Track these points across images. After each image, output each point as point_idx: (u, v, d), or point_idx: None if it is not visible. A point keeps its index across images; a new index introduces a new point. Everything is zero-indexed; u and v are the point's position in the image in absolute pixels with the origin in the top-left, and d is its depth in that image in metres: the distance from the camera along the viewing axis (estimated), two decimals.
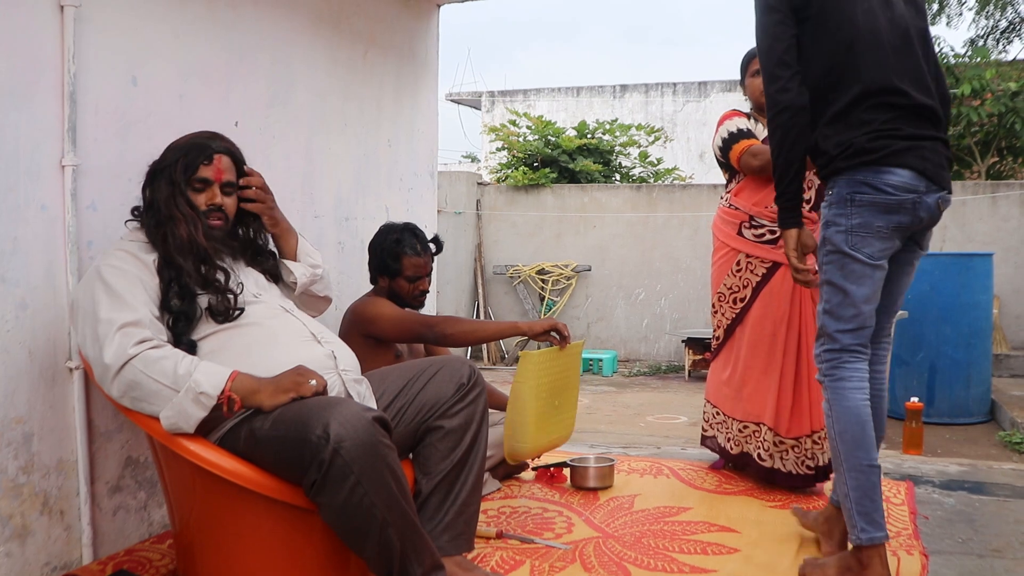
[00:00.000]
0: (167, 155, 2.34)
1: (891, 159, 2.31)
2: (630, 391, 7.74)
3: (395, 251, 3.25)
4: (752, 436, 3.44)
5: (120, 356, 2.05)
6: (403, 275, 3.25)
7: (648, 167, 11.80)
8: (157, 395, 2.06)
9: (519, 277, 9.67)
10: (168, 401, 2.05)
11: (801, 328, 3.37)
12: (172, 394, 2.05)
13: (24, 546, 2.35)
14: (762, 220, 3.38)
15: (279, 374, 2.15)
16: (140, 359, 2.05)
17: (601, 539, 2.85)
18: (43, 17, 2.37)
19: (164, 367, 2.06)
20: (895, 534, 2.90)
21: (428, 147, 4.53)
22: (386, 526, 2.01)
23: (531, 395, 2.90)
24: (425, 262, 3.29)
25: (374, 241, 3.32)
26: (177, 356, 2.09)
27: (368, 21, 3.89)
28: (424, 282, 3.31)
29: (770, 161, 2.53)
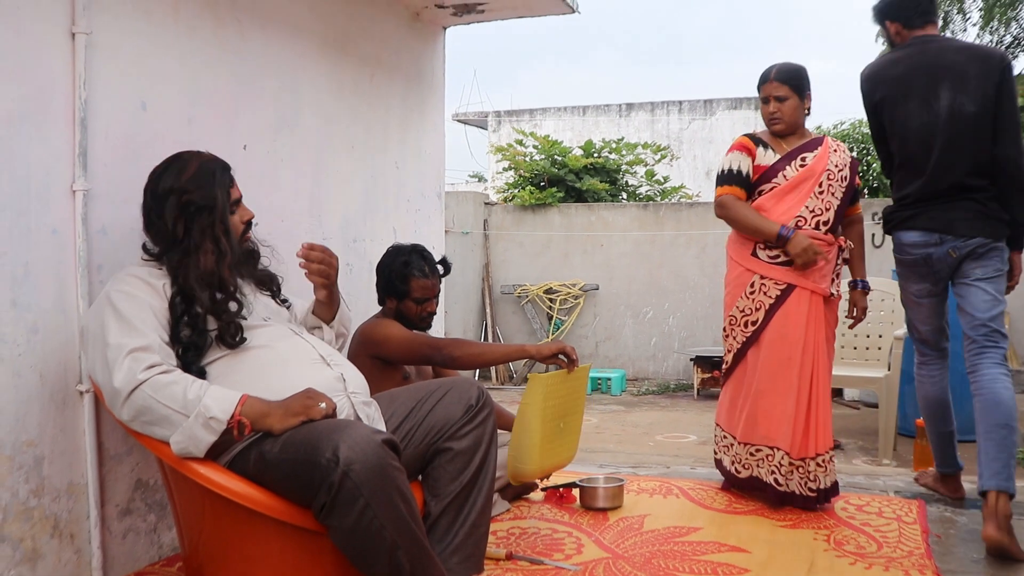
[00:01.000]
0: (194, 185, 2.30)
1: (903, 224, 3.32)
2: (639, 410, 7.72)
3: (403, 273, 3.25)
4: (765, 460, 3.38)
5: (130, 381, 2.06)
6: (411, 297, 3.26)
7: (655, 185, 11.81)
8: (167, 420, 2.06)
9: (527, 296, 9.67)
10: (178, 426, 2.06)
11: (815, 351, 3.34)
12: (182, 419, 2.06)
13: (35, 570, 2.36)
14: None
15: (289, 397, 2.16)
16: (150, 384, 2.06)
17: (611, 560, 2.83)
18: (54, 44, 2.39)
19: (174, 392, 2.07)
20: (907, 553, 2.88)
21: (435, 168, 4.55)
22: (396, 549, 2.01)
23: (537, 417, 2.89)
24: (433, 284, 3.30)
25: (382, 263, 3.33)
26: (187, 381, 2.10)
27: (374, 44, 3.92)
28: (432, 304, 3.32)
29: (734, 218, 3.41)
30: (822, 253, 3.32)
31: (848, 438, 6.00)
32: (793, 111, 3.42)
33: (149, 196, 2.33)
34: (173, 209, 2.28)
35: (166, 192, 2.29)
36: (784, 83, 3.41)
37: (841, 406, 7.31)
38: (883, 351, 5.63)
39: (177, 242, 2.28)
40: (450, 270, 3.42)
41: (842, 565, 2.78)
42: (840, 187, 3.41)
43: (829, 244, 3.38)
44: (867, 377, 5.42)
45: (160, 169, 2.35)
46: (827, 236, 3.36)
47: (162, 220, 2.29)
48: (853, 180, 3.45)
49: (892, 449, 5.32)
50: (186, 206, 2.28)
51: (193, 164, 2.35)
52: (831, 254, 3.40)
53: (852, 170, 3.46)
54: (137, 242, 2.58)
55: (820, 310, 3.39)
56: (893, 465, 5.13)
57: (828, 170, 3.39)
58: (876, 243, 8.41)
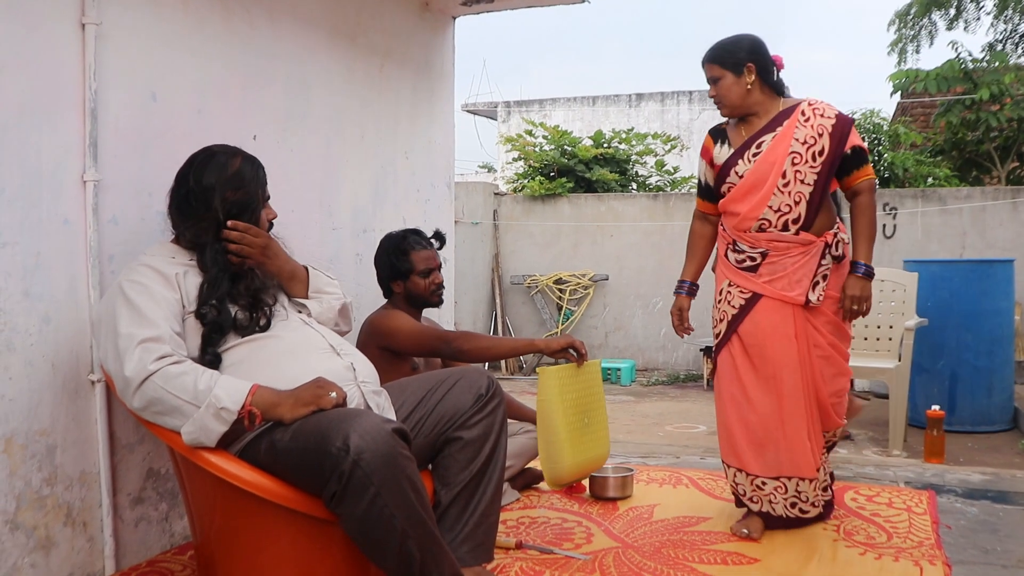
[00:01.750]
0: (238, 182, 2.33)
1: None
2: (648, 400, 7.72)
3: (402, 248, 3.25)
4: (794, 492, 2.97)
5: (140, 371, 2.07)
6: (416, 271, 3.24)
7: (665, 176, 11.78)
8: (178, 410, 2.07)
9: (537, 287, 9.67)
10: (189, 416, 2.07)
11: (807, 368, 2.93)
12: (193, 409, 2.07)
13: (48, 557, 2.38)
14: (742, 245, 2.98)
15: (299, 386, 2.17)
16: (160, 375, 2.07)
17: (621, 549, 2.84)
18: (64, 35, 2.40)
19: (184, 383, 2.08)
20: (917, 544, 2.88)
21: (445, 158, 4.55)
22: (406, 537, 2.02)
23: (558, 412, 2.90)
24: (433, 254, 3.30)
25: (377, 252, 3.33)
26: (197, 371, 2.11)
27: (384, 35, 3.92)
28: (438, 275, 3.30)
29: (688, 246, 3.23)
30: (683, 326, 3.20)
31: (858, 429, 5.99)
32: (730, 90, 2.94)
33: (193, 183, 2.32)
34: (222, 202, 2.31)
35: (212, 185, 2.31)
36: (712, 62, 2.97)
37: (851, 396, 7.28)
38: (893, 342, 5.61)
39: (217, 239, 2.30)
40: (445, 241, 3.41)
41: (852, 555, 2.78)
42: (812, 168, 2.86)
43: (803, 244, 2.90)
44: (877, 368, 5.40)
45: (203, 161, 2.35)
46: (798, 236, 2.89)
47: (208, 211, 2.30)
48: (840, 147, 2.88)
49: (902, 440, 5.31)
50: (231, 203, 2.32)
51: (238, 159, 2.37)
52: (804, 254, 2.91)
53: (837, 135, 2.88)
54: (147, 231, 2.60)
55: (803, 320, 2.92)
56: (903, 456, 5.12)
57: (793, 153, 2.88)
58: (887, 234, 8.39)
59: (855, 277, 2.91)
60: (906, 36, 13.33)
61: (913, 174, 10.08)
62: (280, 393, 2.14)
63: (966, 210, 8.30)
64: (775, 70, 2.98)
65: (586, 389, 3.07)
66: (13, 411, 2.28)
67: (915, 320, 5.50)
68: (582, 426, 3.02)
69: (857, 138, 2.91)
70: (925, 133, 11.39)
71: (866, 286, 2.91)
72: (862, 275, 2.91)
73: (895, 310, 5.69)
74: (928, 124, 11.64)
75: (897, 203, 8.47)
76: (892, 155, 10.11)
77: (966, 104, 10.11)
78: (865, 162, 2.92)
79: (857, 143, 2.90)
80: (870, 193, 2.94)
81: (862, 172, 2.92)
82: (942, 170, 10.38)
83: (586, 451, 3.06)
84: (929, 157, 10.76)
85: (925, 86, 10.26)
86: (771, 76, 2.97)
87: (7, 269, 2.25)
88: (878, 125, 10.57)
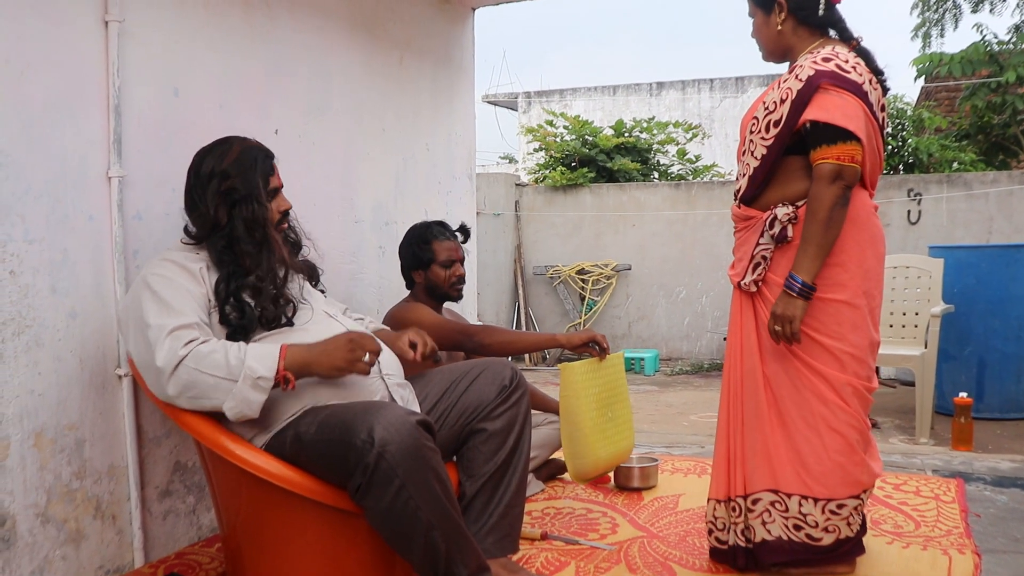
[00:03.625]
0: (235, 170, 2.30)
1: None
2: (672, 390, 7.70)
3: (425, 237, 3.26)
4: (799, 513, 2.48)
5: (172, 358, 2.08)
6: (437, 261, 3.25)
7: (686, 164, 11.71)
8: (215, 388, 2.08)
9: (559, 277, 9.66)
10: (227, 392, 2.08)
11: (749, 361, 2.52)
12: (230, 385, 2.07)
13: (78, 550, 2.40)
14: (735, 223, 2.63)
15: (329, 342, 2.18)
16: (191, 357, 2.08)
17: (646, 539, 2.84)
18: (88, 33, 2.41)
19: (216, 360, 2.09)
20: (946, 532, 2.86)
21: (466, 150, 4.55)
22: (431, 529, 2.03)
23: (582, 406, 2.90)
24: (456, 246, 3.30)
25: (402, 243, 3.34)
26: (226, 347, 2.12)
27: (403, 27, 3.92)
28: (459, 267, 3.30)
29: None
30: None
31: (885, 416, 5.95)
32: (759, 31, 2.54)
33: (192, 177, 2.34)
34: (214, 194, 2.29)
35: (208, 175, 2.30)
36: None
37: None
38: (919, 328, 5.57)
39: (219, 228, 2.29)
40: (469, 235, 3.43)
41: (879, 544, 2.76)
42: (764, 141, 2.42)
43: (744, 220, 2.54)
44: (903, 355, 5.36)
45: (205, 151, 2.36)
46: (740, 210, 2.55)
47: (204, 203, 2.30)
48: (794, 118, 2.35)
49: (929, 427, 5.27)
50: (227, 192, 2.29)
51: (236, 149, 2.34)
52: (746, 230, 2.54)
53: (797, 103, 2.34)
54: (171, 227, 2.62)
55: (749, 307, 2.52)
56: (931, 444, 5.08)
57: (754, 118, 2.48)
58: (912, 220, 8.31)
59: (783, 292, 2.37)
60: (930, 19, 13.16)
61: (938, 159, 9.97)
62: (312, 350, 2.15)
63: (992, 195, 8.20)
64: (821, 3, 2.44)
65: (609, 382, 3.06)
66: (42, 406, 2.30)
67: (941, 306, 5.46)
68: (606, 420, 3.01)
69: (820, 109, 2.30)
70: (950, 117, 11.26)
71: (791, 304, 2.33)
72: (792, 293, 2.34)
73: (920, 296, 5.65)
74: (953, 108, 11.51)
75: (922, 189, 8.39)
76: (916, 140, 10.01)
77: (992, 87, 9.99)
78: (826, 141, 2.31)
79: (816, 117, 2.30)
80: (823, 183, 2.31)
81: (818, 153, 2.32)
82: (967, 154, 10.26)
83: (611, 445, 3.05)
84: (954, 141, 10.64)
85: (950, 70, 10.13)
86: (812, 13, 2.45)
87: (34, 266, 2.27)
88: (902, 110, 10.47)
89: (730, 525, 2.56)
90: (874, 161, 2.45)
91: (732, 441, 2.55)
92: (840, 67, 2.34)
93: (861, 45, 2.49)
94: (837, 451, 2.41)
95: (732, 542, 2.55)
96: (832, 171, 2.30)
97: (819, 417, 2.42)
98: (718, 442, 2.60)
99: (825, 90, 2.32)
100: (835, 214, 2.31)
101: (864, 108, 2.34)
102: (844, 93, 2.32)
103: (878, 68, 2.47)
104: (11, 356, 2.21)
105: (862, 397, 2.44)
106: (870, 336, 2.45)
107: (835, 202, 2.31)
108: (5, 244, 2.19)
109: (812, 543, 2.44)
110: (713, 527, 2.60)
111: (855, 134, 2.29)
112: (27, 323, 2.26)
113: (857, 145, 2.30)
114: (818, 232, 2.32)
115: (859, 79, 2.35)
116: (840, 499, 2.43)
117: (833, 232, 2.33)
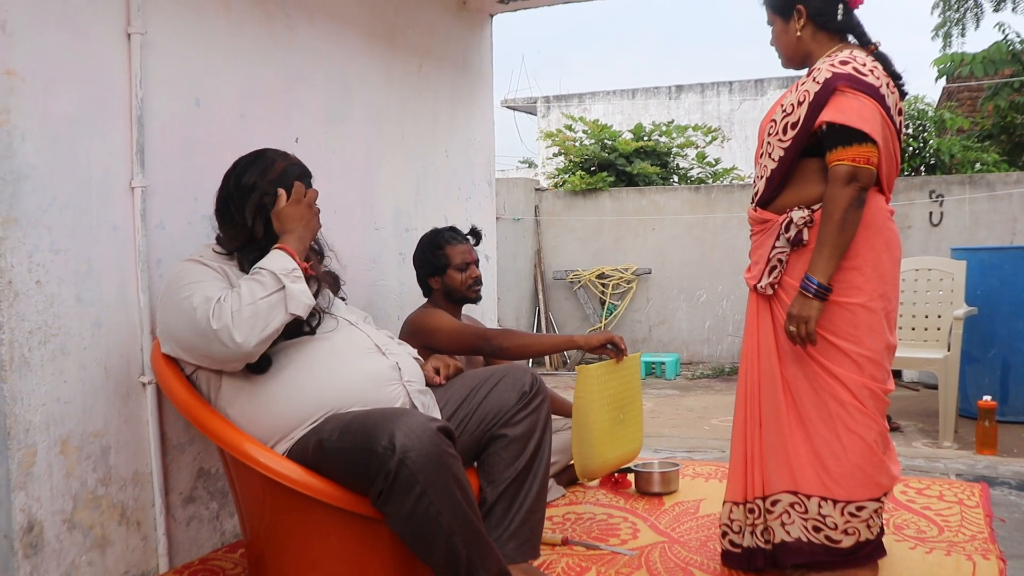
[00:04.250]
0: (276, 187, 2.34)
1: None
2: (693, 394, 7.68)
3: (437, 242, 3.30)
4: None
5: (222, 316, 2.13)
6: (452, 265, 3.29)
7: (706, 168, 11.69)
8: (273, 305, 2.16)
9: (579, 282, 9.66)
10: (281, 300, 2.16)
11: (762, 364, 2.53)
12: (279, 294, 2.16)
13: (104, 555, 2.43)
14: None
15: (293, 219, 2.31)
16: (233, 300, 2.15)
17: (667, 544, 2.84)
18: (111, 45, 2.45)
19: (252, 288, 2.16)
20: (970, 537, 2.84)
21: (485, 156, 4.57)
22: (452, 535, 2.04)
23: (594, 409, 2.90)
24: (468, 249, 3.34)
25: (415, 252, 3.39)
26: (244, 277, 2.21)
27: (422, 34, 3.94)
28: (474, 269, 3.34)
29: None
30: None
31: (908, 420, 5.91)
32: (779, 39, 2.55)
33: (232, 186, 2.37)
34: (253, 206, 2.33)
35: (249, 187, 2.34)
36: (766, 6, 2.58)
37: (900, 387, 7.20)
38: (942, 331, 5.53)
39: (254, 240, 2.33)
40: (481, 238, 3.46)
41: (902, 549, 2.75)
42: (781, 143, 2.43)
43: (760, 223, 2.54)
44: (926, 358, 5.33)
45: (246, 162, 2.40)
46: (756, 213, 2.55)
47: (241, 215, 2.34)
48: (811, 120, 2.35)
49: (953, 431, 5.23)
50: (265, 207, 2.34)
51: (280, 165, 2.39)
52: (762, 233, 2.55)
53: (814, 105, 2.35)
54: (193, 235, 2.65)
55: (766, 310, 2.53)
56: (954, 447, 5.05)
57: (772, 120, 2.49)
58: (934, 221, 8.25)
59: (799, 293, 2.37)
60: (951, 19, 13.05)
61: (960, 160, 9.90)
62: (292, 236, 2.29)
63: (1016, 195, 8.13)
64: (839, 9, 2.45)
65: (624, 385, 3.06)
66: (68, 413, 2.33)
67: (964, 309, 5.42)
68: (616, 422, 3.02)
69: (836, 111, 2.31)
70: (972, 118, 11.18)
71: (807, 305, 2.33)
72: (808, 294, 2.34)
73: (943, 299, 5.61)
74: (975, 108, 11.43)
75: (944, 190, 8.33)
76: (938, 141, 9.94)
77: (1014, 87, 9.92)
78: (841, 143, 2.30)
79: (832, 118, 2.31)
80: (838, 184, 2.30)
81: (834, 154, 2.32)
82: (990, 155, 10.19)
83: (618, 447, 3.06)
84: (976, 142, 10.56)
85: (971, 69, 10.07)
86: (831, 19, 2.46)
87: (60, 275, 2.30)
88: (923, 111, 10.39)
89: (746, 528, 2.55)
90: (890, 165, 2.45)
91: (749, 443, 2.55)
92: (857, 70, 2.35)
93: (879, 50, 2.49)
94: (856, 453, 2.41)
95: (748, 544, 2.55)
96: (847, 173, 2.30)
97: (837, 419, 2.41)
98: (734, 444, 2.61)
99: (842, 92, 2.32)
100: (850, 215, 2.31)
101: (881, 111, 2.34)
102: (861, 95, 2.32)
103: (896, 73, 2.47)
104: (38, 365, 2.24)
105: (879, 399, 2.44)
106: (886, 339, 2.45)
107: (850, 203, 2.30)
108: (32, 255, 2.23)
109: (832, 545, 2.44)
110: (728, 530, 2.60)
111: (871, 136, 2.29)
112: (53, 332, 2.29)
113: (873, 147, 2.30)
114: (833, 233, 2.32)
115: (876, 82, 2.35)
116: (859, 501, 2.42)
117: (848, 233, 2.33)
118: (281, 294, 2.15)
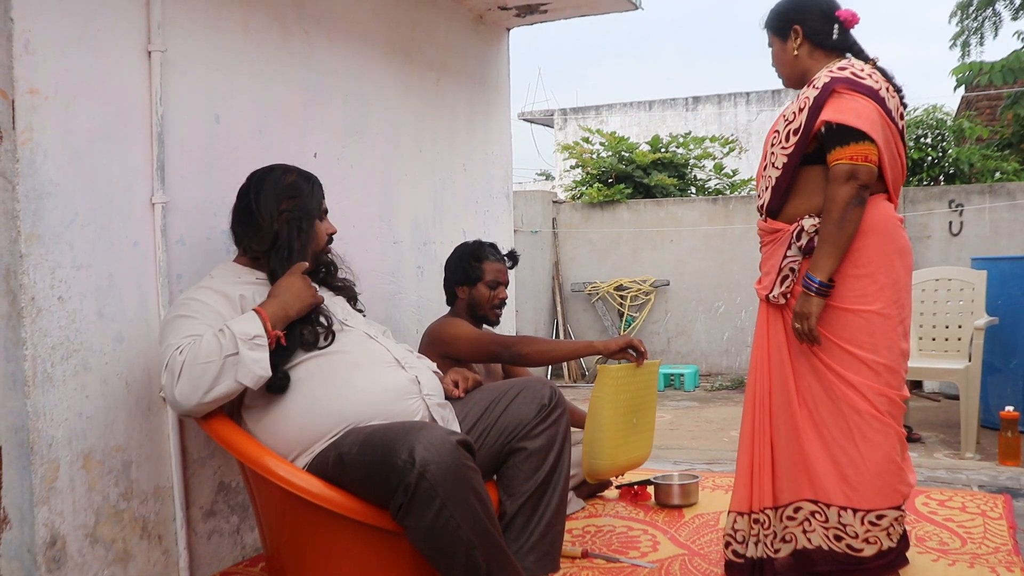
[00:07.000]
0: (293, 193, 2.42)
1: None
2: (713, 406, 7.65)
3: (477, 254, 3.32)
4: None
5: (174, 366, 2.15)
6: (484, 280, 3.30)
7: (724, 179, 11.67)
8: (224, 368, 2.14)
9: (597, 294, 9.65)
10: (234, 366, 2.14)
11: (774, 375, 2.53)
12: (233, 359, 2.13)
13: (126, 570, 2.44)
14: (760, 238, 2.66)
15: (286, 287, 2.29)
16: (189, 355, 2.14)
17: (687, 556, 2.82)
18: (132, 63, 2.47)
19: (209, 346, 2.15)
20: (993, 549, 2.81)
21: (502, 169, 4.58)
22: (472, 548, 2.04)
23: (609, 410, 2.90)
24: (504, 269, 3.37)
25: (451, 256, 3.39)
26: (209, 332, 2.18)
27: (439, 49, 3.96)
28: (502, 291, 3.35)
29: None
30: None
31: (929, 431, 5.87)
32: (777, 58, 2.63)
33: (252, 194, 2.42)
34: (277, 209, 2.39)
35: (272, 192, 2.40)
36: (764, 25, 2.66)
37: (921, 398, 7.15)
38: (963, 342, 5.49)
39: (277, 246, 2.37)
40: (518, 261, 3.48)
41: (924, 562, 2.73)
42: (784, 150, 2.46)
43: (771, 233, 2.54)
44: (947, 368, 5.29)
45: (262, 173, 2.46)
46: (766, 224, 2.56)
47: (262, 216, 2.38)
48: (811, 123, 2.38)
49: (975, 442, 5.18)
50: (286, 212, 2.39)
51: (293, 172, 2.47)
52: (773, 243, 2.55)
53: (813, 108, 2.38)
54: (213, 251, 2.67)
55: (779, 320, 2.53)
56: (976, 459, 5.00)
57: (775, 131, 2.53)
58: (954, 231, 8.20)
59: (802, 292, 2.40)
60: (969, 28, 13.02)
61: (980, 169, 9.83)
62: (276, 301, 2.26)
63: None
64: (835, 28, 2.51)
65: (641, 389, 3.05)
66: (90, 428, 2.35)
67: (985, 319, 5.37)
68: (629, 426, 3.01)
69: (833, 111, 2.34)
70: (991, 127, 11.11)
71: (808, 302, 2.36)
72: (810, 292, 2.36)
73: (963, 309, 5.57)
74: (994, 117, 11.36)
75: (963, 199, 8.28)
76: (957, 150, 9.88)
77: None
78: (839, 142, 2.33)
79: (830, 118, 2.34)
80: (837, 183, 2.32)
81: (833, 155, 2.34)
82: (1010, 164, 10.11)
83: (628, 452, 3.04)
84: (996, 151, 10.49)
85: (990, 78, 10.00)
86: (827, 37, 2.52)
87: (82, 291, 2.33)
88: (941, 120, 10.33)
89: (751, 538, 2.55)
90: (895, 168, 2.46)
91: (756, 454, 2.55)
92: (855, 74, 2.39)
93: (878, 65, 2.52)
94: (875, 461, 2.40)
95: (752, 555, 2.54)
96: (846, 171, 2.32)
97: (855, 428, 2.41)
98: (741, 455, 2.60)
99: (840, 94, 2.36)
100: (849, 212, 2.32)
101: (880, 111, 2.36)
102: (858, 96, 2.35)
103: (897, 86, 2.50)
104: (60, 380, 2.26)
105: (896, 406, 2.44)
106: (900, 346, 2.45)
107: (849, 200, 2.32)
108: (54, 271, 2.25)
109: (853, 554, 2.42)
110: (732, 540, 2.60)
111: (868, 134, 2.31)
112: (75, 347, 2.31)
113: (871, 145, 2.32)
114: (832, 230, 2.34)
115: (875, 85, 2.38)
116: (879, 509, 2.41)
117: (848, 231, 2.34)
118: (234, 359, 2.14)
